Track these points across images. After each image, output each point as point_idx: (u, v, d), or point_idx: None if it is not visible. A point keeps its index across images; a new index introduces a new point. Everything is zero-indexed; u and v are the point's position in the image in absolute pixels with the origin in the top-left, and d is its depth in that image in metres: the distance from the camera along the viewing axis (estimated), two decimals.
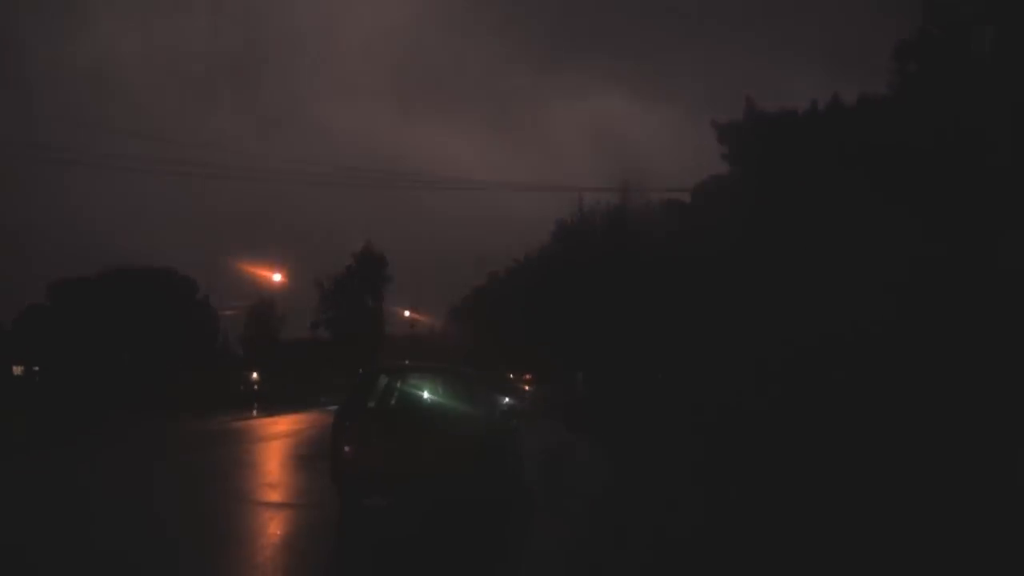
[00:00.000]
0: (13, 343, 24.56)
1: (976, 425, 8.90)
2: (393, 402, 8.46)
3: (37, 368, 24.12)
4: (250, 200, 67.01)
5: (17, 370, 23.39)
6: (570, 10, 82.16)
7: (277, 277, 24.88)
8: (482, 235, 64.91)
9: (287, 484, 9.49)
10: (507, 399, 11.24)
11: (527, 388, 27.79)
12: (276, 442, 14.56)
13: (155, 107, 69.24)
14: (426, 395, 8.64)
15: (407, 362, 13.08)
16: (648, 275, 16.93)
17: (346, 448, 7.48)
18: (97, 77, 70.15)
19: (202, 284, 29.13)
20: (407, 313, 34.61)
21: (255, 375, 25.43)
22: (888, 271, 10.40)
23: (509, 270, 30.65)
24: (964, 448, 8.61)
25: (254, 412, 21.50)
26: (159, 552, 5.61)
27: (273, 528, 6.71)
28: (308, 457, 11.25)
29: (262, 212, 67.11)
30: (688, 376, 16.50)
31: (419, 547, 5.98)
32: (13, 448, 12.15)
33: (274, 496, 8.45)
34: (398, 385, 8.62)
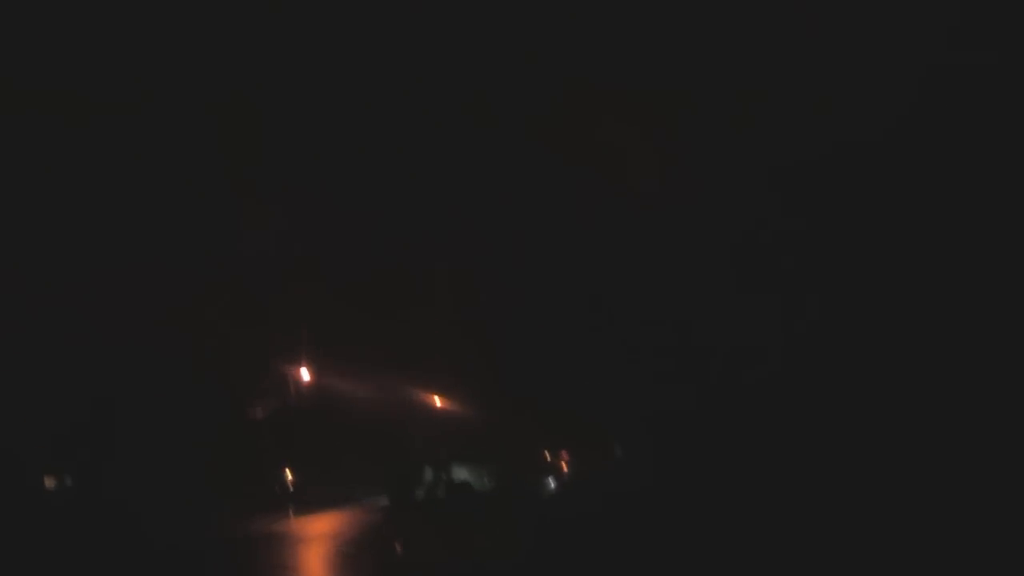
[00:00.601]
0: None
1: None
2: (440, 493, 8.33)
3: (69, 480, 23.92)
4: None
5: (50, 483, 23.19)
6: None
7: (305, 375, 24.78)
8: None
9: None
10: (550, 480, 11.07)
11: (565, 468, 27.25)
12: (317, 544, 14.31)
13: None
14: (473, 484, 8.51)
15: (449, 452, 12.94)
16: None
17: (398, 545, 7.34)
18: None
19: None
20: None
21: (288, 473, 25.10)
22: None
23: None
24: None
25: (291, 512, 21.19)
26: None
27: None
28: (353, 557, 10.98)
29: None
30: None
31: None
32: None
33: None
34: (443, 476, 8.51)
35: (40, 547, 14.10)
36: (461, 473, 8.58)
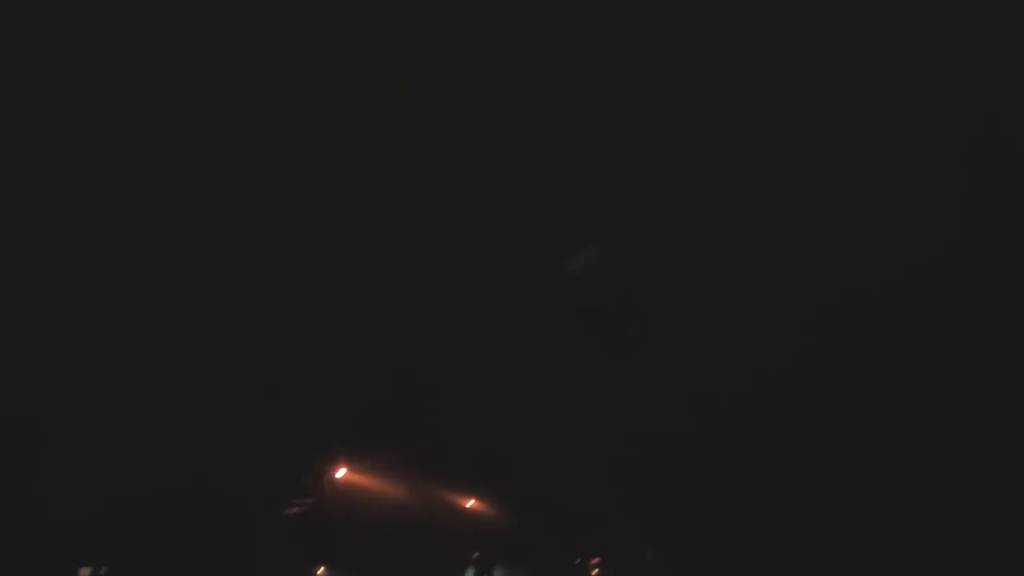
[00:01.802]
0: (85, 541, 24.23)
1: None
2: None
3: (104, 570, 24.07)
4: None
5: (84, 572, 23.37)
6: None
7: (341, 472, 25.33)
8: None
9: None
10: None
11: (595, 573, 27.02)
12: None
13: None
14: None
15: (486, 554, 13.32)
16: None
17: None
18: None
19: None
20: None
21: (321, 570, 25.38)
22: None
23: None
24: None
25: None
26: None
27: None
28: None
29: None
30: None
31: None
32: None
33: None
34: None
35: None
36: (499, 571, 9.02)
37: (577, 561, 28.25)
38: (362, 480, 29.77)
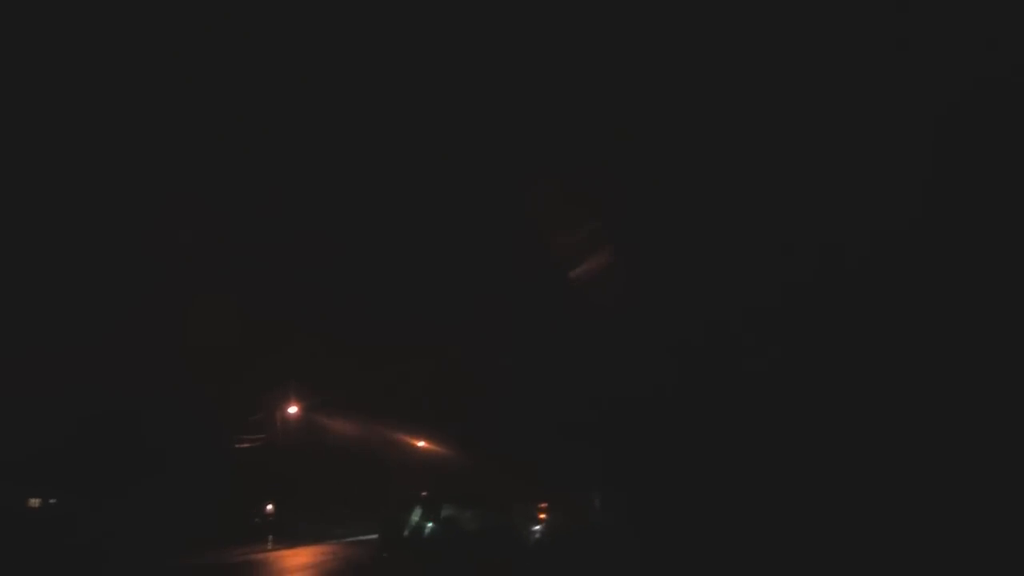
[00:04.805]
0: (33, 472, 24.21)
1: None
2: (427, 533, 8.77)
3: (53, 500, 23.95)
4: None
5: (34, 502, 23.25)
6: None
7: (292, 409, 25.19)
8: None
9: None
10: (536, 527, 11.48)
11: (543, 517, 27.38)
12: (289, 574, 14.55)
13: None
14: (460, 525, 8.94)
15: (435, 493, 13.28)
16: None
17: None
18: None
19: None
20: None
21: (270, 507, 25.33)
22: None
23: None
24: None
25: (269, 544, 21.40)
26: None
27: None
28: None
29: None
30: None
31: None
32: None
33: None
34: (432, 515, 8.95)
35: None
36: (447, 511, 9.01)
37: (524, 504, 28.70)
38: (314, 418, 29.76)
